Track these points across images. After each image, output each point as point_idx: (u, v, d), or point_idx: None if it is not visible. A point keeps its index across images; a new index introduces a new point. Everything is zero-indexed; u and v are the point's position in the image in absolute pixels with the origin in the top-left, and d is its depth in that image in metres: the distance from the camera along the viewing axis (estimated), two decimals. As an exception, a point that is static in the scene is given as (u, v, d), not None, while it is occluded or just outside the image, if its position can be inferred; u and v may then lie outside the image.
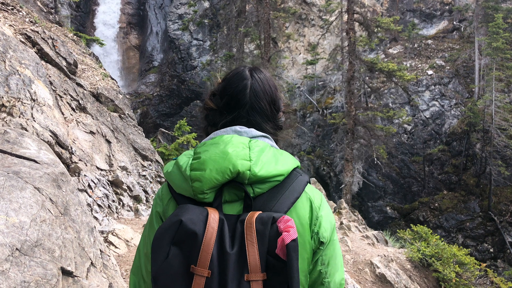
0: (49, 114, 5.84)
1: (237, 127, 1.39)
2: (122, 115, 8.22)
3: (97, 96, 8.04)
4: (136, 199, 6.99)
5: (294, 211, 1.29)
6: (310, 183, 1.41)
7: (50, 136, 5.49)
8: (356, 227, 7.14)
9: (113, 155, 7.12)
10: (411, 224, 8.64)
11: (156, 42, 36.22)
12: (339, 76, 25.47)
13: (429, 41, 24.43)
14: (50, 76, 7.12)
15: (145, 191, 7.29)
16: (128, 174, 7.12)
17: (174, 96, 32.08)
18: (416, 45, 24.41)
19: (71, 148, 6.18)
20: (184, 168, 1.28)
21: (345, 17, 24.48)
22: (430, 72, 22.37)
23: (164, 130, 10.17)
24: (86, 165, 6.31)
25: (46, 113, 5.81)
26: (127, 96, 32.54)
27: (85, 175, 6.08)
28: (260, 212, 1.22)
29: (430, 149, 21.42)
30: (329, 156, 23.63)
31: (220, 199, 1.26)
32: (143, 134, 8.50)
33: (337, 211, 9.23)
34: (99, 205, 6.09)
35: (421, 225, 19.76)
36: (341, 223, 7.33)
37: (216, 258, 1.16)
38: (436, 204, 20.27)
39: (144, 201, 7.08)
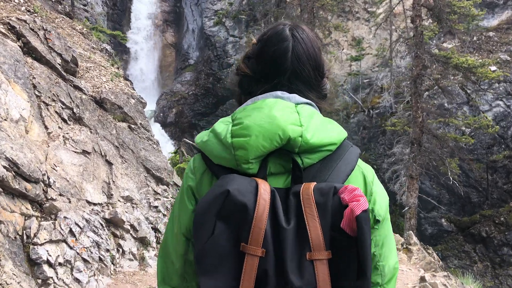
0: (11, 133, 4.03)
1: (279, 93, 1.16)
2: (133, 125, 6.35)
3: (100, 102, 6.24)
4: (142, 242, 5.10)
5: (348, 182, 1.08)
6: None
7: (5, 166, 3.67)
8: (445, 286, 4.90)
9: (114, 181, 5.28)
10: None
11: (192, 39, 34.70)
12: (387, 73, 22.93)
13: (491, 33, 21.45)
14: (35, 78, 5.31)
15: (156, 230, 5.36)
16: (133, 207, 5.25)
17: (209, 95, 30.38)
18: (475, 38, 21.53)
19: (48, 178, 4.34)
20: (224, 135, 1.07)
21: (407, 3, 21.76)
22: (493, 68, 19.46)
23: (188, 141, 8.18)
24: (70, 201, 4.47)
25: (7, 131, 4.01)
26: (165, 96, 31.22)
27: (65, 217, 4.24)
28: (315, 183, 1.01)
29: (493, 155, 18.59)
30: (376, 161, 21.21)
31: (265, 170, 1.05)
32: (160, 149, 6.62)
33: (404, 247, 7.05)
34: (84, 260, 4.26)
35: (483, 241, 16.90)
36: (422, 278, 5.10)
37: (271, 234, 0.95)
38: (502, 218, 17.47)
39: (154, 245, 5.19)
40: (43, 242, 3.79)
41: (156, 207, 5.59)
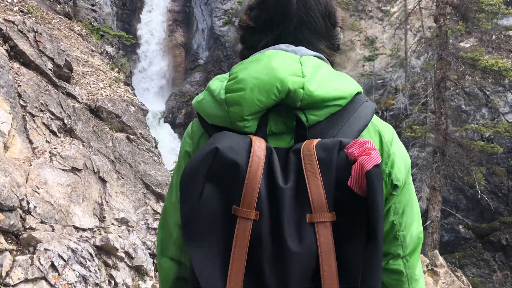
0: (-18, 153, 3.46)
1: (282, 45, 1.03)
2: (132, 136, 5.74)
3: (95, 111, 5.64)
4: (139, 271, 4.49)
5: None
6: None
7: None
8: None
9: (107, 201, 4.68)
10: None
11: (201, 39, 34.19)
12: (402, 73, 22.14)
13: (511, 32, 20.53)
14: (20, 85, 4.73)
15: (154, 256, 4.78)
16: (129, 231, 4.65)
17: (219, 95, 29.83)
18: (494, 37, 20.59)
19: (27, 203, 3.76)
20: (218, 91, 0.95)
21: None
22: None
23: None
24: (54, 229, 3.88)
25: (-24, 152, 3.42)
26: (174, 96, 30.70)
27: (46, 249, 3.66)
28: (318, 140, 0.87)
29: (514, 159, 17.73)
30: (390, 164, 20.45)
31: (265, 129, 0.93)
32: (162, 161, 6.00)
33: (430, 268, 6.38)
34: (68, 298, 3.67)
35: (503, 249, 15.98)
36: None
37: (265, 195, 0.82)
38: (523, 226, 16.64)
39: (152, 274, 4.57)
40: (16, 283, 3.21)
41: (155, 229, 4.96)
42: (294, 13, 1.06)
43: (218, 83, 0.99)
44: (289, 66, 0.92)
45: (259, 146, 0.85)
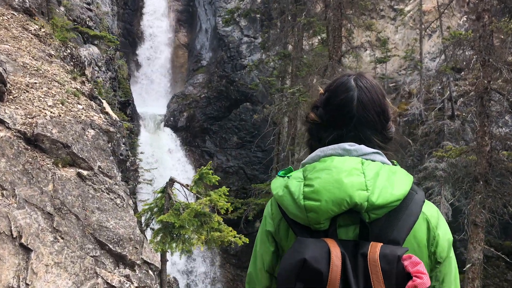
0: None
1: (346, 145, 1.35)
2: (85, 172, 4.15)
3: (33, 140, 4.10)
4: None
5: (412, 234, 1.27)
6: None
7: None
8: None
9: (29, 283, 3.14)
10: None
11: (205, 40, 32.60)
12: (416, 76, 20.41)
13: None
14: None
15: None
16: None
17: (222, 98, 28.19)
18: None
19: None
20: (297, 195, 1.27)
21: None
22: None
23: (178, 181, 5.96)
24: None
25: None
26: (176, 98, 29.11)
27: None
28: (381, 245, 1.20)
29: (542, 171, 15.98)
30: (404, 174, 18.75)
31: (335, 225, 1.25)
32: (129, 203, 4.39)
33: None
34: None
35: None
36: None
37: None
38: (553, 245, 14.91)
39: None
40: None
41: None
42: (354, 114, 1.36)
43: (296, 185, 1.29)
44: (354, 181, 1.22)
45: (336, 255, 1.17)
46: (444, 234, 1.32)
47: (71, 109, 4.68)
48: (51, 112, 4.34)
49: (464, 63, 17.74)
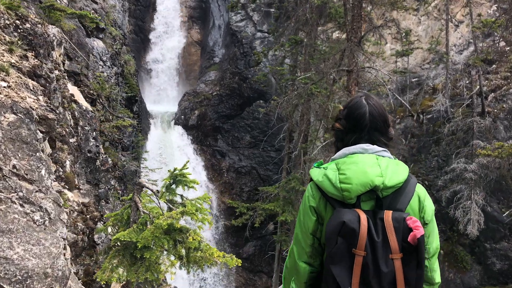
0: None
1: (364, 146, 2.06)
2: (-9, 174, 2.81)
3: None
4: None
5: (410, 205, 1.99)
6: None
7: None
8: None
9: None
10: None
11: (218, 36, 31.23)
12: (441, 70, 18.58)
13: None
14: None
15: None
16: None
17: (235, 95, 26.73)
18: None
19: None
20: (334, 181, 1.96)
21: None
22: None
23: (147, 185, 4.53)
24: None
25: None
26: (188, 96, 27.83)
27: None
28: (392, 212, 1.91)
29: None
30: (428, 176, 16.99)
31: (359, 200, 1.94)
32: (52, 225, 2.91)
33: None
34: None
35: None
36: None
37: (369, 244, 1.83)
38: None
39: None
40: None
41: None
42: (367, 123, 2.09)
43: (332, 173, 1.98)
44: (374, 170, 1.94)
45: (363, 218, 1.85)
46: (430, 205, 2.07)
47: (-12, 86, 3.33)
48: None
49: (496, 54, 15.89)
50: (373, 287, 1.79)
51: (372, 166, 1.92)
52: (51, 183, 3.19)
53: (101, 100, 15.44)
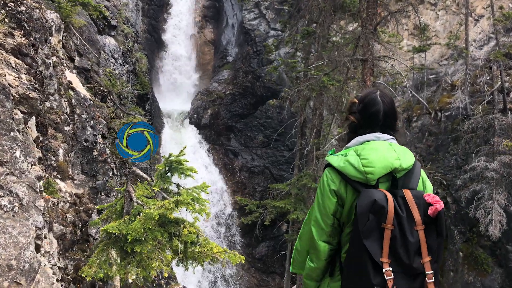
0: None
1: (376, 134, 2.33)
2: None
3: None
4: None
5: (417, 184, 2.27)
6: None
7: None
8: None
9: None
10: None
11: (231, 35, 30.88)
12: (460, 66, 17.88)
13: None
14: None
15: None
16: None
17: (248, 94, 26.31)
18: None
19: None
20: (357, 165, 2.21)
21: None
22: None
23: (141, 174, 4.19)
24: None
25: None
26: (201, 95, 27.61)
27: None
28: (410, 190, 2.19)
29: None
30: (446, 175, 16.30)
31: (378, 181, 2.20)
32: (24, 211, 2.57)
33: None
34: None
35: None
36: None
37: (396, 219, 2.08)
38: None
39: None
40: None
41: None
42: (381, 119, 2.35)
43: (353, 159, 2.24)
44: (392, 155, 2.23)
45: (390, 197, 2.11)
46: (429, 185, 2.37)
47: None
48: None
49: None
50: (401, 255, 2.05)
51: (389, 151, 2.21)
52: (28, 167, 2.84)
53: (112, 97, 15.20)
